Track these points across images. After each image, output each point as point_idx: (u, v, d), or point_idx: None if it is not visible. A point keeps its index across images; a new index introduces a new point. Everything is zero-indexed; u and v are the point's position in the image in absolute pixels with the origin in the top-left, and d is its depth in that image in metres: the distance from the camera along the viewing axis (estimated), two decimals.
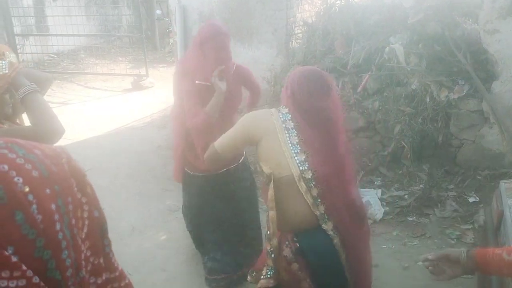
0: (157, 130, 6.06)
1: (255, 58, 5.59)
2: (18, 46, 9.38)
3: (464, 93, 4.29)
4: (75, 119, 6.41)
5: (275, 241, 1.86)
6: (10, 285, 0.56)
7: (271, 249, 1.86)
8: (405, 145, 4.38)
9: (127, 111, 6.77)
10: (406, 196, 4.11)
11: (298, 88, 1.89)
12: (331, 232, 1.84)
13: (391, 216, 3.89)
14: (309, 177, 1.82)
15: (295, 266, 1.85)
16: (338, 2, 5.60)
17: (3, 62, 1.68)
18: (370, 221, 3.81)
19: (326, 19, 5.43)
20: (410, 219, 3.86)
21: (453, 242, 3.55)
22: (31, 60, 9.56)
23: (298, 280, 1.86)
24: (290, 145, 1.84)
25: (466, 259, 1.50)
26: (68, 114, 6.67)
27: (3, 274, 0.56)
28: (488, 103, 4.14)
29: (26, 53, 9.49)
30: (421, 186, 4.20)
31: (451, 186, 4.19)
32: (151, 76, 8.28)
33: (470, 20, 4.60)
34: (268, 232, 1.86)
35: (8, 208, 0.57)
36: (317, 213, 1.83)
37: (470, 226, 3.69)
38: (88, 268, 0.69)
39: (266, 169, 1.85)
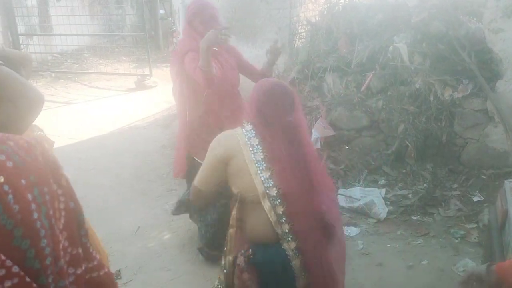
0: (160, 129, 6.07)
1: (258, 56, 5.57)
2: (22, 46, 9.41)
3: (468, 92, 4.28)
4: (79, 119, 6.43)
5: (230, 258, 1.87)
6: None
7: (225, 264, 1.87)
8: (409, 144, 4.37)
9: (131, 111, 6.78)
10: (410, 195, 4.10)
11: (264, 102, 1.86)
12: (290, 253, 1.81)
13: (395, 215, 3.89)
14: (274, 194, 1.79)
15: (245, 275, 1.83)
16: (342, 1, 5.60)
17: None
18: (374, 220, 3.82)
19: (329, 18, 5.42)
20: (414, 218, 3.85)
21: (457, 241, 3.54)
22: (35, 60, 9.58)
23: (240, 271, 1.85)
24: (255, 162, 1.81)
25: (487, 274, 1.53)
26: (72, 113, 6.69)
27: None
28: (493, 102, 4.13)
29: (30, 52, 9.52)
30: (425, 185, 4.19)
31: (455, 185, 4.19)
32: (154, 75, 8.29)
33: (474, 19, 4.59)
34: (225, 249, 1.87)
35: None
36: (279, 231, 1.81)
37: (474, 225, 3.69)
38: (67, 258, 0.69)
39: (234, 189, 1.85)
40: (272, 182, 1.79)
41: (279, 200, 1.79)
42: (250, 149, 1.83)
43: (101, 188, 4.47)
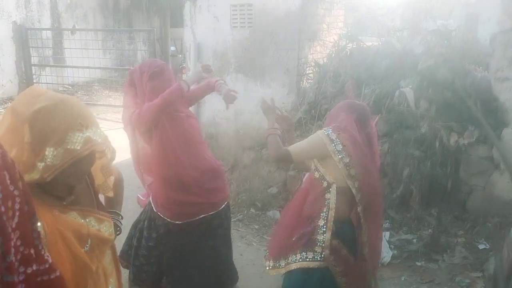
0: None
1: (266, 95, 5.64)
2: (34, 76, 9.61)
3: (474, 139, 4.29)
4: None
5: (328, 235, 2.28)
6: None
7: (323, 240, 2.28)
8: (413, 188, 4.35)
9: None
10: (414, 240, 4.05)
11: (359, 114, 2.38)
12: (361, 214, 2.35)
13: (399, 260, 3.83)
14: (356, 186, 2.31)
15: (335, 242, 2.30)
16: (350, 45, 5.72)
17: (79, 135, 1.35)
18: None
19: (337, 62, 5.53)
20: (419, 264, 3.79)
21: None
22: None
23: (338, 250, 2.31)
24: (343, 163, 2.28)
25: None
26: None
27: None
28: (499, 150, 4.13)
29: (41, 83, 9.70)
30: (429, 230, 4.14)
31: (461, 232, 4.13)
32: None
33: (481, 68, 4.66)
34: (325, 227, 2.29)
35: None
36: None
37: (480, 274, 3.61)
38: (18, 256, 0.70)
39: (329, 178, 2.31)
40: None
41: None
42: (338, 154, 2.29)
43: None
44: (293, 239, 2.40)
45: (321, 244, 2.31)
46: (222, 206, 3.00)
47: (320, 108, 5.03)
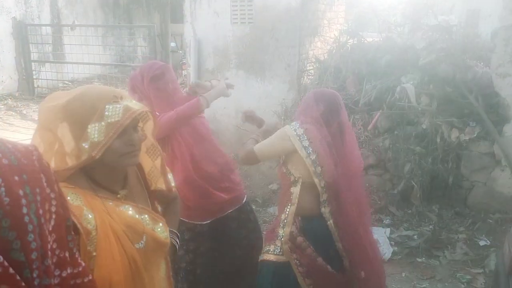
0: None
1: (267, 92, 5.65)
2: (34, 72, 9.59)
3: (475, 135, 4.28)
4: None
5: (288, 229, 2.26)
6: None
7: (283, 234, 2.26)
8: (415, 184, 4.35)
9: None
10: (415, 237, 4.05)
11: (327, 104, 2.26)
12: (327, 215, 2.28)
13: (400, 256, 3.83)
14: (322, 185, 2.24)
15: (300, 239, 2.27)
16: (351, 41, 5.70)
17: (117, 106, 1.33)
18: None
19: (338, 58, 5.51)
20: (420, 260, 3.79)
21: (463, 286, 3.46)
22: (46, 86, 9.74)
23: (303, 248, 2.27)
24: (310, 160, 2.21)
25: None
26: None
27: None
28: (500, 146, 4.13)
29: (41, 79, 9.69)
30: (430, 227, 4.14)
31: (462, 229, 4.13)
32: None
33: (482, 64, 4.64)
34: (285, 221, 2.27)
35: None
36: (323, 210, 2.27)
37: (481, 270, 3.61)
38: (54, 260, 0.71)
39: (295, 173, 2.27)
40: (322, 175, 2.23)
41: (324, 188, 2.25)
42: (304, 150, 2.22)
43: None
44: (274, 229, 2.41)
45: (280, 238, 2.28)
46: (244, 199, 2.95)
47: None
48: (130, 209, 1.41)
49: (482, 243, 3.94)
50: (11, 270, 0.62)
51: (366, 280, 2.29)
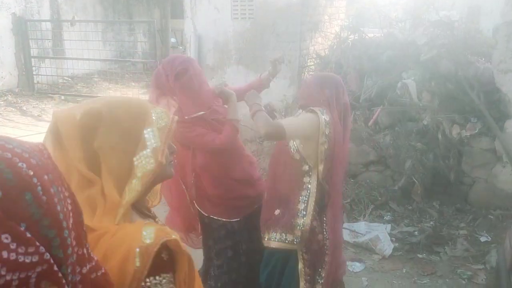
0: None
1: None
2: (34, 68, 9.57)
3: (476, 131, 4.28)
4: None
5: (308, 220, 2.29)
6: (26, 260, 0.59)
7: (303, 223, 2.29)
8: (415, 181, 4.34)
9: None
10: (416, 233, 4.04)
11: (332, 88, 2.30)
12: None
13: (400, 252, 3.82)
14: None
15: (320, 236, 2.35)
16: (351, 36, 5.68)
17: (158, 110, 1.17)
18: (379, 257, 3.76)
19: (339, 53, 5.49)
20: (420, 256, 3.78)
21: (464, 282, 3.46)
22: (46, 82, 9.72)
23: (316, 234, 2.34)
24: (323, 148, 2.24)
25: None
26: None
27: (19, 250, 0.59)
28: (501, 142, 4.12)
29: (41, 75, 9.67)
30: (431, 223, 4.14)
31: (462, 225, 4.13)
32: None
33: (483, 59, 4.63)
34: (305, 211, 2.29)
35: (18, 189, 0.62)
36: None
37: (481, 266, 3.61)
38: (74, 257, 0.72)
39: (310, 162, 2.28)
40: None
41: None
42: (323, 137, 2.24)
43: None
44: (275, 213, 2.39)
45: (300, 228, 2.30)
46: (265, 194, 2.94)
47: None
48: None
49: (483, 239, 3.94)
50: (55, 267, 0.64)
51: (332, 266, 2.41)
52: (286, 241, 2.33)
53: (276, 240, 2.36)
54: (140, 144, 1.10)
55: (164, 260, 1.00)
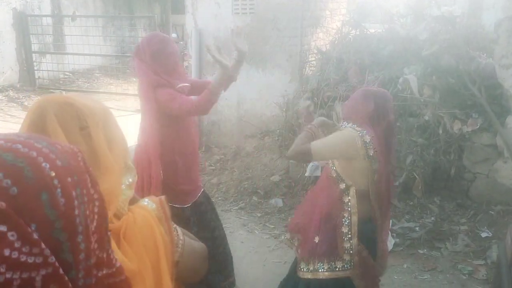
0: None
1: (268, 83, 5.63)
2: (35, 63, 9.56)
3: (477, 126, 4.27)
4: None
5: (355, 241, 2.23)
6: (28, 260, 0.59)
7: (351, 246, 2.23)
8: (416, 176, 4.34)
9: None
10: (417, 228, 4.05)
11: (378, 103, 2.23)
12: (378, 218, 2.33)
13: (401, 248, 3.83)
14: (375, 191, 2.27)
15: (365, 253, 2.27)
16: (353, 32, 5.66)
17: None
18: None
19: (340, 48, 5.47)
20: (421, 251, 3.79)
21: (465, 277, 3.47)
22: (47, 78, 9.72)
23: (360, 251, 2.26)
24: (373, 170, 2.21)
25: None
26: None
27: (23, 249, 0.59)
28: (503, 137, 4.11)
29: (42, 70, 9.66)
30: (432, 218, 4.14)
31: (463, 220, 4.13)
32: None
33: (485, 55, 4.61)
34: (350, 233, 2.23)
35: (35, 188, 0.62)
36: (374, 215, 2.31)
37: (482, 262, 3.62)
38: (93, 260, 0.73)
39: (348, 181, 2.25)
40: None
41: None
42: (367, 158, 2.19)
43: None
44: (315, 241, 2.31)
45: (349, 252, 2.24)
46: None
47: (323, 96, 4.99)
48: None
49: (484, 234, 3.94)
50: (61, 271, 0.64)
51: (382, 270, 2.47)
52: (337, 269, 2.26)
53: (325, 270, 2.28)
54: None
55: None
